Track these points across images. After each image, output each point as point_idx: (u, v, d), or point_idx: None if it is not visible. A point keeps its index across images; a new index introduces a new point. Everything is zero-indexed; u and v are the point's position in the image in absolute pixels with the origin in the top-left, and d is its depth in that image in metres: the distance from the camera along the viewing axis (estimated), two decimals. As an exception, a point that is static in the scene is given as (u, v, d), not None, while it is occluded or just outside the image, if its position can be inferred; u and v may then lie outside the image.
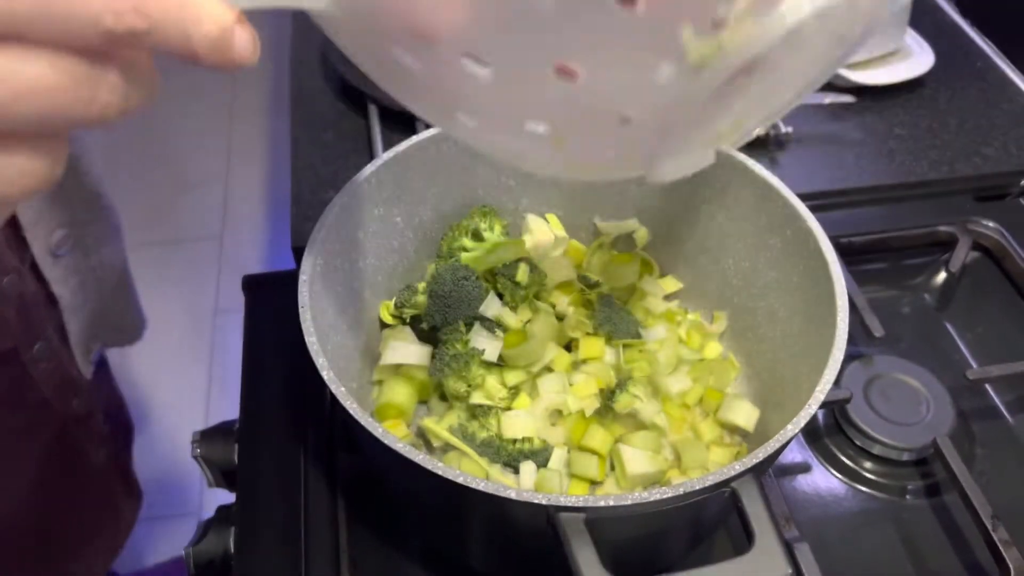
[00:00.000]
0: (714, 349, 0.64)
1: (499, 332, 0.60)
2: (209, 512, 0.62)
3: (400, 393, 0.59)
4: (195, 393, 1.70)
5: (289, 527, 0.58)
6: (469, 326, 0.59)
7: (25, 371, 0.68)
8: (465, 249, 0.64)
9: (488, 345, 0.58)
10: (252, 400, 0.65)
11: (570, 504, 0.41)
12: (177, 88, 2.42)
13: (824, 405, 0.48)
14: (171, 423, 1.63)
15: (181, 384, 1.71)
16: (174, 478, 1.53)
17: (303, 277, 0.51)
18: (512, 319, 0.61)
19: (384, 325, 0.63)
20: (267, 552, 0.57)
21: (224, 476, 0.64)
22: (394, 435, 0.44)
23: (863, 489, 0.62)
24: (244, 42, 0.28)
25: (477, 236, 0.64)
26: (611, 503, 0.41)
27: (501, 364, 0.59)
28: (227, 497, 0.62)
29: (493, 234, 0.64)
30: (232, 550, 0.57)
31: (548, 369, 0.60)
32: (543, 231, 0.67)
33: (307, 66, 0.95)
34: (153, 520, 1.45)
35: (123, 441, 0.92)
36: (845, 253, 0.74)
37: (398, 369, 0.61)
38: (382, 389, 0.60)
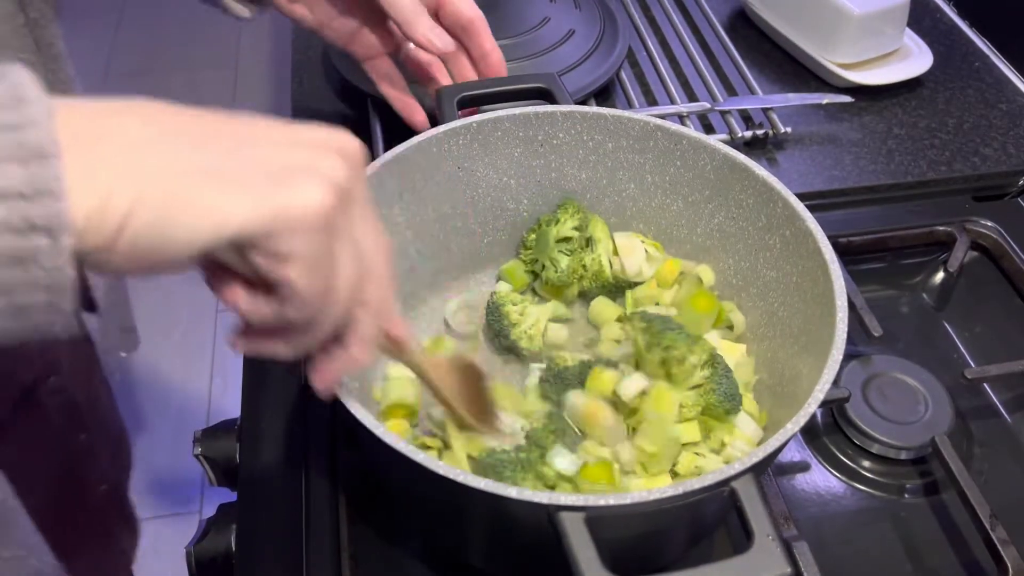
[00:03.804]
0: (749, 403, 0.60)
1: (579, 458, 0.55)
2: (210, 511, 0.62)
3: (408, 392, 0.59)
4: (197, 392, 1.71)
5: (290, 525, 0.58)
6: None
7: (41, 406, 0.68)
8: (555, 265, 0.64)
9: (568, 465, 0.54)
10: (253, 399, 0.65)
11: (570, 503, 0.42)
12: (179, 87, 2.42)
13: (823, 404, 0.48)
14: (173, 422, 1.63)
15: (183, 383, 1.71)
16: (175, 477, 1.54)
17: (304, 277, 0.52)
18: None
19: None
20: (269, 550, 0.57)
21: (226, 475, 0.65)
22: (395, 434, 0.44)
23: (862, 488, 0.63)
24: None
25: (571, 241, 0.64)
26: (611, 502, 0.42)
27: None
28: (228, 496, 0.63)
29: (595, 252, 0.65)
30: (234, 548, 0.57)
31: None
32: (636, 252, 0.66)
33: (308, 66, 0.95)
34: (155, 519, 1.45)
35: (124, 474, 0.91)
36: (843, 253, 0.75)
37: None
38: (389, 387, 0.60)
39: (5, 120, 0.30)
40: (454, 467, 0.43)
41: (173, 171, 0.33)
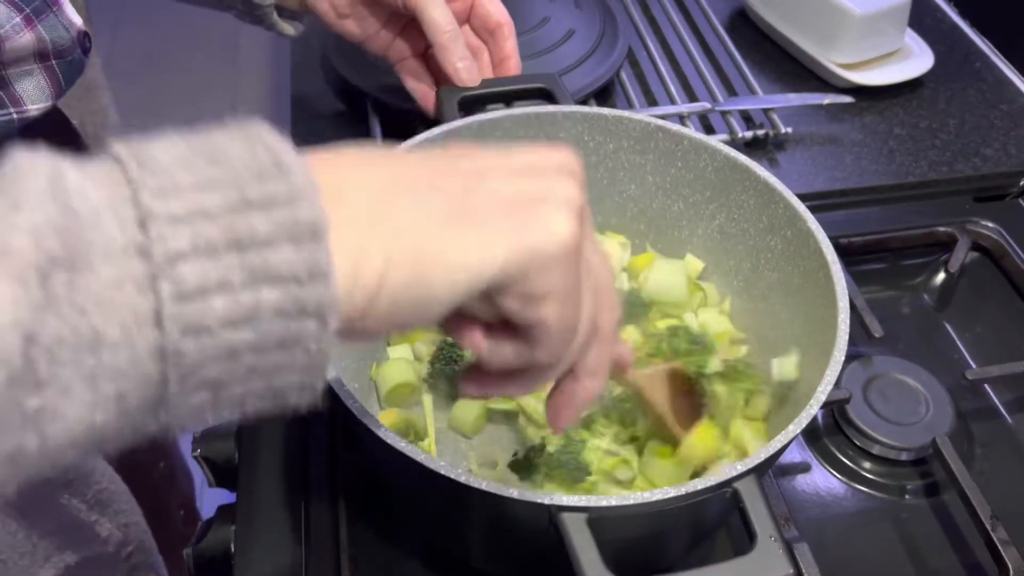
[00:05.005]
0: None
1: None
2: (209, 512, 0.62)
3: (405, 371, 0.60)
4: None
5: (290, 526, 0.58)
6: None
7: None
8: None
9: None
10: (253, 400, 0.65)
11: (572, 504, 0.41)
12: (179, 87, 2.42)
13: (824, 405, 0.48)
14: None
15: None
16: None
17: (305, 277, 0.51)
18: None
19: None
20: (268, 551, 0.57)
21: (224, 476, 0.64)
22: (396, 434, 0.44)
23: (862, 489, 0.62)
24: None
25: None
26: (613, 503, 0.42)
27: None
28: (227, 497, 0.62)
29: None
30: (233, 550, 0.57)
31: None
32: (613, 253, 0.66)
33: (307, 66, 0.95)
34: (152, 520, 1.45)
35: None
36: (844, 253, 0.74)
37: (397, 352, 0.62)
38: (389, 369, 0.60)
39: (274, 193, 0.27)
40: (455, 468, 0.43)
41: (418, 222, 0.30)
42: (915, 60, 0.93)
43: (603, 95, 0.91)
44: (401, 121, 0.85)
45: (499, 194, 0.33)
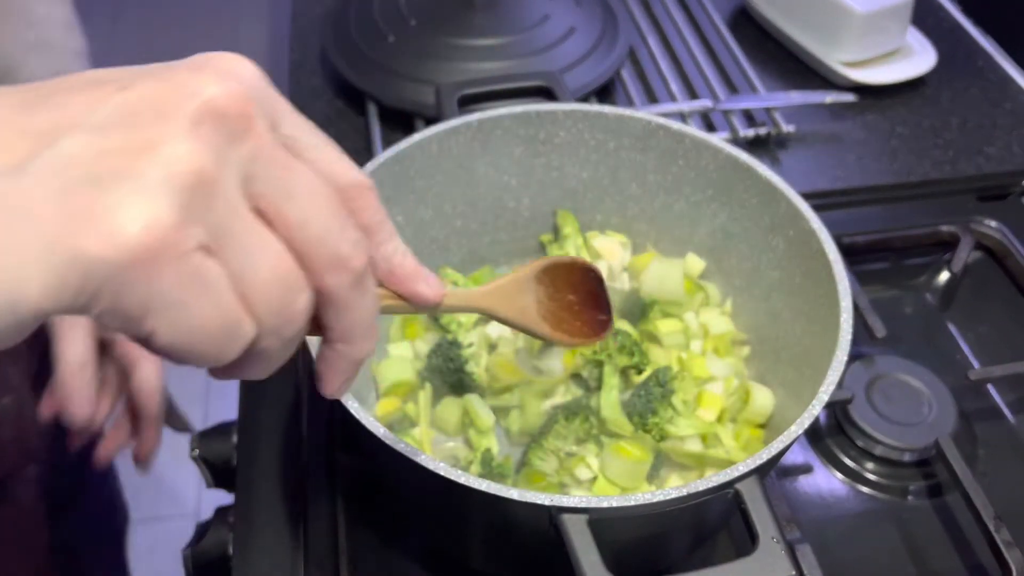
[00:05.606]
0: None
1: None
2: (207, 514, 0.61)
3: (405, 369, 0.59)
4: (193, 394, 1.70)
5: (288, 528, 0.58)
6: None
7: (17, 500, 0.65)
8: None
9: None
10: (250, 400, 0.65)
11: (573, 505, 0.41)
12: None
13: (826, 406, 0.48)
14: (169, 422, 1.63)
15: (179, 385, 1.70)
16: (172, 479, 1.53)
17: (303, 276, 0.51)
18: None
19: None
20: (266, 553, 0.57)
21: (222, 477, 0.64)
22: (390, 422, 0.44)
23: (865, 490, 0.62)
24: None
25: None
26: (614, 504, 0.41)
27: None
28: (225, 498, 0.62)
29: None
30: (231, 551, 0.57)
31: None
32: (614, 253, 0.66)
33: (306, 65, 0.95)
34: (150, 521, 1.45)
35: (118, 544, 0.87)
36: (847, 253, 0.74)
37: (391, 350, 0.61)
38: (387, 367, 0.60)
39: None
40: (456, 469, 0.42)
41: None
42: (918, 59, 0.93)
43: (604, 93, 0.90)
44: (400, 119, 0.85)
45: (65, 165, 0.23)
